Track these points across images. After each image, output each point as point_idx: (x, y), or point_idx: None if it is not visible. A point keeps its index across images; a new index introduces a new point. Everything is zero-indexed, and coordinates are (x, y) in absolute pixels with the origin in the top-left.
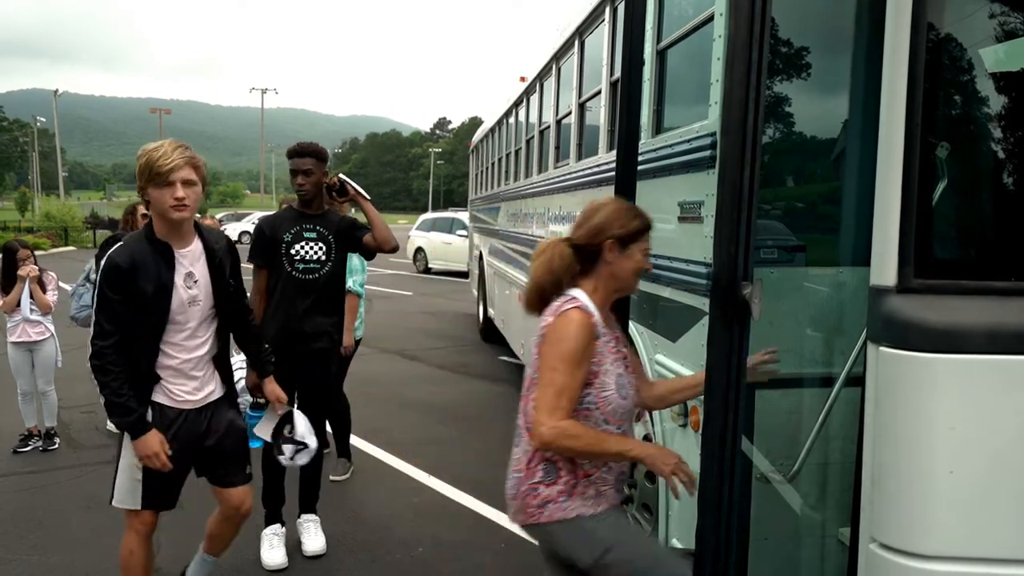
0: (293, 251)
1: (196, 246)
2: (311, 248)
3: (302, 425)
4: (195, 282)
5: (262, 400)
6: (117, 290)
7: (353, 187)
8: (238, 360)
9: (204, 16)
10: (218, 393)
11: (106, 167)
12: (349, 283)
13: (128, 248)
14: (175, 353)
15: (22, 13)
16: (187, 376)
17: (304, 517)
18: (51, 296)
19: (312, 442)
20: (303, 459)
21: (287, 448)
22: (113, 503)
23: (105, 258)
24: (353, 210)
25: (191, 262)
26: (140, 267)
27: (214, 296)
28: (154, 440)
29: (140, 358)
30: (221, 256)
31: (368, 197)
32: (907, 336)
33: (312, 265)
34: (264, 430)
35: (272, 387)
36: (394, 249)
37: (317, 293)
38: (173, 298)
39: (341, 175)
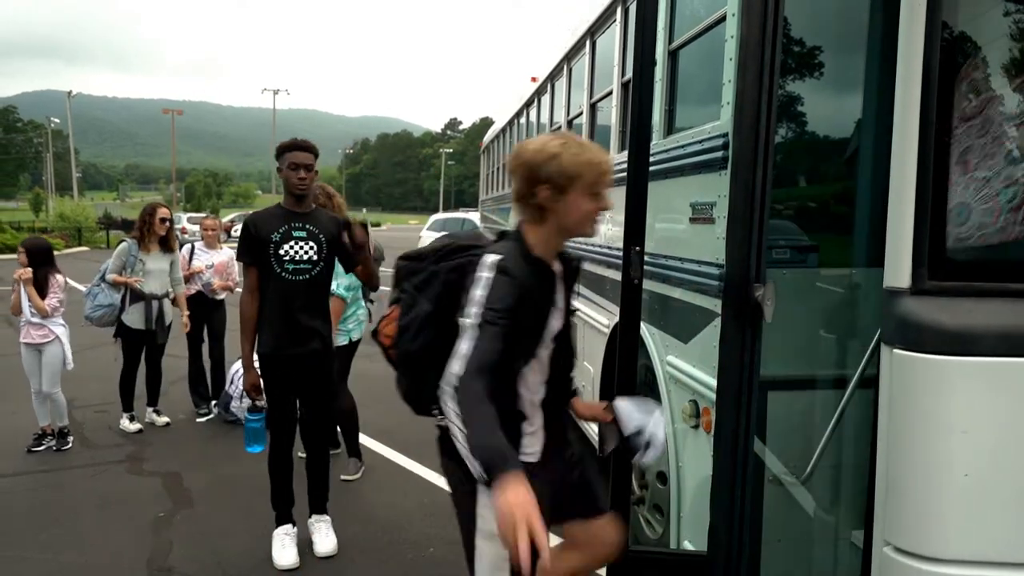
0: (282, 251)
1: (558, 269)
2: (301, 248)
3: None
4: (557, 311)
5: (260, 403)
6: (510, 315)
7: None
8: (237, 365)
9: (215, 17)
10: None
11: (119, 168)
12: (333, 285)
13: (516, 264)
14: (524, 393)
15: (36, 15)
16: (529, 422)
17: (315, 517)
18: (51, 300)
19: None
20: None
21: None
22: None
23: (495, 271)
24: (360, 210)
25: (557, 289)
26: (527, 291)
27: (563, 327)
28: (526, 493)
29: (500, 402)
30: (575, 282)
31: (368, 236)
32: (921, 338)
33: (303, 266)
34: (611, 441)
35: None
36: (375, 287)
37: (308, 294)
38: (545, 331)
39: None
